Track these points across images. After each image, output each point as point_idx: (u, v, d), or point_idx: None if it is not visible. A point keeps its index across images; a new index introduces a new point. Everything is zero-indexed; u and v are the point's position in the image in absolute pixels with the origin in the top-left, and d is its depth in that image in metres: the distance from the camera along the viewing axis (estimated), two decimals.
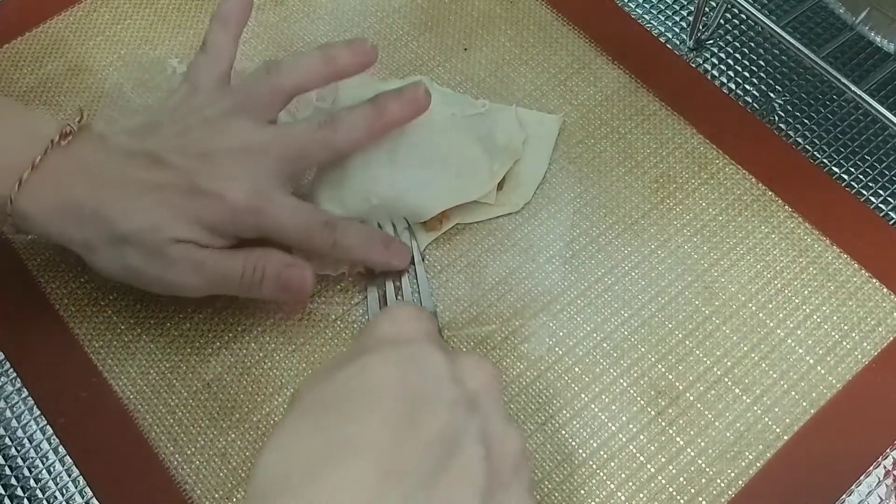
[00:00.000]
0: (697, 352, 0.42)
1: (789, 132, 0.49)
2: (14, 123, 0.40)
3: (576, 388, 0.41)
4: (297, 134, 0.41)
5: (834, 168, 0.48)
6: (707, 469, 0.39)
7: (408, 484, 0.28)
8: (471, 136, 0.46)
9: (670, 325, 0.43)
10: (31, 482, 0.40)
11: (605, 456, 0.39)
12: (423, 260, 0.44)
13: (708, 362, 0.42)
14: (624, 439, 0.40)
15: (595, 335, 0.42)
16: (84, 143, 0.39)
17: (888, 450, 0.40)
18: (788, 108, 0.50)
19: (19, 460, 0.40)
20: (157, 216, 0.38)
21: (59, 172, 0.38)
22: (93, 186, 0.38)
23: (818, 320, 0.43)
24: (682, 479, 0.39)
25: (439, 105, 0.45)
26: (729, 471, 0.39)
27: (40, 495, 0.39)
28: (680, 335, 0.42)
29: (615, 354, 0.42)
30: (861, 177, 0.47)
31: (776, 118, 0.50)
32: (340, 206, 0.43)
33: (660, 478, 0.39)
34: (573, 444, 0.40)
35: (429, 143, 0.44)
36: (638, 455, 0.39)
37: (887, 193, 0.47)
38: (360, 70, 0.44)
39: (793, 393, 0.41)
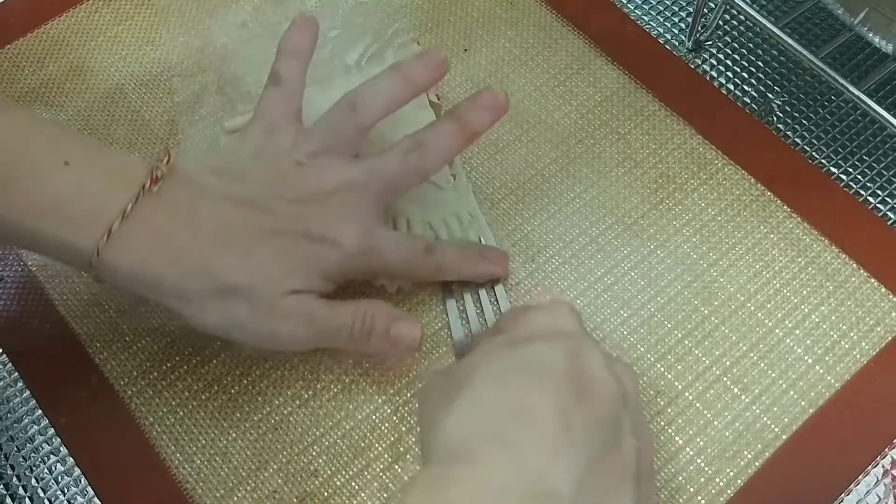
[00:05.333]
0: (696, 351, 0.42)
1: (788, 132, 0.49)
2: (96, 165, 0.35)
3: None
4: (390, 166, 0.39)
5: (832, 168, 0.48)
6: (706, 468, 0.39)
7: (580, 454, 0.30)
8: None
9: (669, 325, 0.43)
10: (33, 481, 0.40)
11: None
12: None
13: (707, 362, 0.42)
14: None
15: (594, 335, 0.42)
16: (176, 187, 0.36)
17: (886, 449, 0.40)
18: (787, 108, 0.50)
19: (21, 460, 0.40)
20: (272, 268, 0.36)
21: (153, 221, 0.35)
22: (193, 236, 0.35)
23: (817, 320, 0.43)
24: (680, 478, 0.39)
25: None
26: (728, 470, 0.39)
27: (42, 494, 0.39)
28: (679, 335, 0.42)
29: (614, 354, 0.42)
30: (859, 177, 0.48)
31: (775, 118, 0.50)
32: None
33: (659, 476, 0.39)
34: None
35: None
36: None
37: (885, 193, 0.47)
38: (433, 84, 0.42)
39: (791, 392, 0.41)
